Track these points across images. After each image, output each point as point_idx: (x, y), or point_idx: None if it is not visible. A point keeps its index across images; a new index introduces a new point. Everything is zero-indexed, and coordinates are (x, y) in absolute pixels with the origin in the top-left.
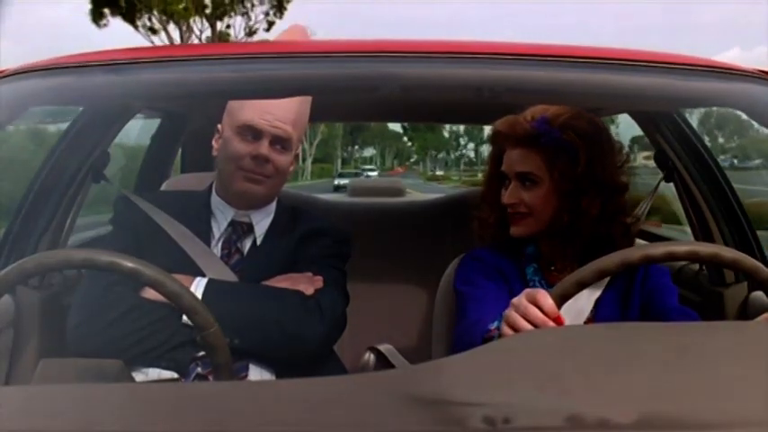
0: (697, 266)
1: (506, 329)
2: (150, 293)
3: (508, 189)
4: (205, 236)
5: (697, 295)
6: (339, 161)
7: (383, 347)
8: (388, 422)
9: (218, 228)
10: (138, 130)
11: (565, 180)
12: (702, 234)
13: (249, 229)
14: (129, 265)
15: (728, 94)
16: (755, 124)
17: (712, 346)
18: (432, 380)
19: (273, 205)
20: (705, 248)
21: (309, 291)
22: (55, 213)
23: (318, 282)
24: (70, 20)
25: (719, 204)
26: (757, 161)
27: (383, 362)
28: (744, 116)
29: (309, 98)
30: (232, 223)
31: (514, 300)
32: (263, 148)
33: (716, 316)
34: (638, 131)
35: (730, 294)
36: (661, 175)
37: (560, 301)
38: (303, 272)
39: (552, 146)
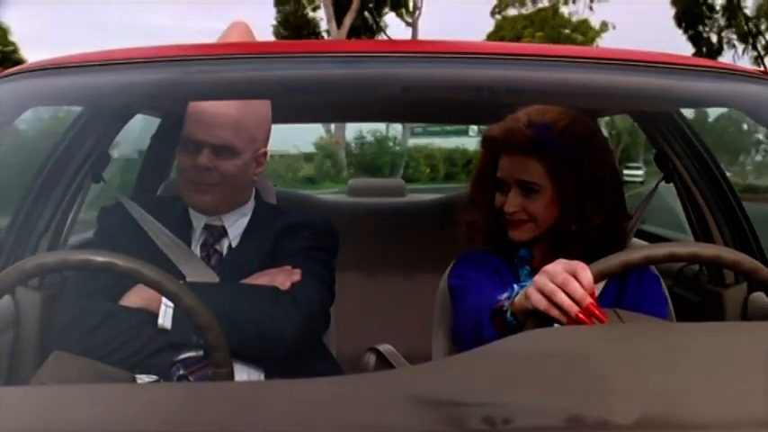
0: (697, 267)
1: (535, 295)
2: (126, 301)
3: (508, 196)
4: (186, 239)
5: (697, 295)
6: None
7: (383, 347)
8: (388, 422)
9: (196, 232)
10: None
11: (567, 187)
12: (702, 235)
13: (224, 231)
14: (126, 265)
15: (728, 94)
16: None
17: (712, 346)
18: (432, 380)
19: (250, 205)
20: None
21: (286, 285)
22: (55, 213)
23: (296, 275)
24: None
25: (719, 204)
26: None
27: (383, 362)
28: None
29: (259, 101)
30: (207, 227)
31: (548, 267)
32: (203, 158)
33: (716, 316)
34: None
35: (730, 295)
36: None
37: (599, 277)
38: (282, 266)
39: (553, 154)
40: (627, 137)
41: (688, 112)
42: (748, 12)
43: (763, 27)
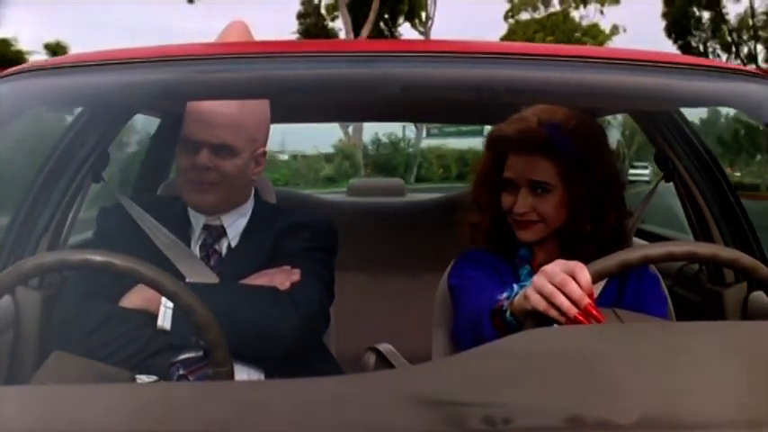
0: (697, 266)
1: (534, 296)
2: (126, 302)
3: (518, 197)
4: (185, 240)
5: (697, 295)
6: None
7: (383, 347)
8: (388, 422)
9: (195, 232)
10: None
11: (578, 187)
12: (702, 234)
13: (223, 231)
14: (125, 264)
15: (728, 94)
16: None
17: (712, 345)
18: (432, 380)
19: (249, 205)
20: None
21: (285, 285)
22: (55, 213)
23: (295, 275)
24: None
25: (719, 204)
26: None
27: (383, 362)
28: None
29: (258, 101)
30: (206, 227)
31: (547, 267)
32: (203, 157)
33: (716, 316)
34: None
35: (730, 294)
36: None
37: (597, 277)
38: (282, 266)
39: (564, 153)
40: (638, 136)
41: (700, 113)
42: (732, 23)
43: (745, 37)
